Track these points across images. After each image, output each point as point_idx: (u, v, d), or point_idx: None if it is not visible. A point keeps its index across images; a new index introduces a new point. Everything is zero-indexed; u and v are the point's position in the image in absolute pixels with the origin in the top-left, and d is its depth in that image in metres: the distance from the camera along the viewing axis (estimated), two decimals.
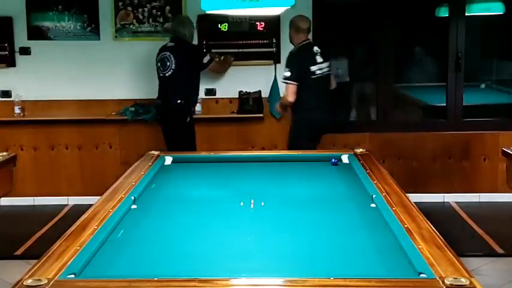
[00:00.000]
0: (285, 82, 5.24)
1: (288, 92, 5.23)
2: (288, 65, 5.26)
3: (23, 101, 6.08)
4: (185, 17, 5.81)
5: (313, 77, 5.33)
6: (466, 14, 6.08)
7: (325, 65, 5.41)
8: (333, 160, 4.18)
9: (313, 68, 5.34)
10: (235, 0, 3.15)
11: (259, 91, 6.00)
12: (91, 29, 6.07)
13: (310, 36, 5.55)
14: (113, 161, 6.10)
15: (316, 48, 5.40)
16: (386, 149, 6.16)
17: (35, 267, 2.31)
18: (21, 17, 6.05)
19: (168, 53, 5.45)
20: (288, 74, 5.20)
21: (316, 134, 5.48)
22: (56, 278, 2.23)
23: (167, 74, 5.44)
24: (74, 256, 2.43)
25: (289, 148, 5.38)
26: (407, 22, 6.85)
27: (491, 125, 6.24)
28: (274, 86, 5.99)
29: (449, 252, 2.42)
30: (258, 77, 6.07)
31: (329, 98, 5.49)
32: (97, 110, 6.07)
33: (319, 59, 5.37)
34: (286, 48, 6.02)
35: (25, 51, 6.11)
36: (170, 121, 5.53)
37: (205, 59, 5.58)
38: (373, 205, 3.19)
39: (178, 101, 5.44)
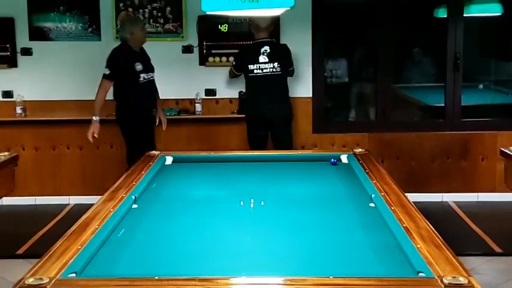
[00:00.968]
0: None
1: (230, 71, 5.87)
2: (234, 57, 5.88)
3: (24, 101, 6.10)
4: (125, 19, 5.79)
5: (251, 75, 5.53)
6: (464, 15, 6.09)
7: (270, 65, 5.50)
8: (332, 160, 4.20)
9: (251, 67, 5.50)
10: (235, 1, 3.16)
11: None
12: (92, 29, 6.09)
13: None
14: (113, 160, 6.11)
15: (265, 48, 5.51)
16: (385, 149, 6.18)
17: (37, 266, 2.32)
18: (22, 17, 6.07)
19: None
20: (233, 63, 5.79)
21: (258, 127, 5.63)
22: (58, 277, 2.24)
23: None
24: (75, 255, 2.44)
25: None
26: (406, 23, 6.85)
27: (489, 125, 6.26)
28: None
29: (447, 251, 2.43)
30: None
31: (274, 95, 5.57)
32: None
33: (263, 59, 5.49)
34: None
35: (27, 51, 6.13)
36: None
37: (105, 71, 5.31)
38: (372, 205, 3.21)
39: (116, 104, 5.47)
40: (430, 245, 2.50)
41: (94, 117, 5.36)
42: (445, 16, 6.24)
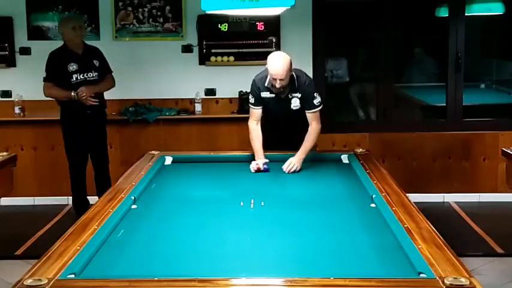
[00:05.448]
0: (318, 108, 4.31)
1: (319, 118, 4.32)
2: (316, 90, 4.36)
3: (23, 101, 6.08)
4: (63, 18, 5.74)
5: None
6: (465, 14, 6.07)
7: None
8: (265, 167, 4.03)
9: None
10: (235, 0, 3.15)
11: None
12: (91, 29, 6.06)
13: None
14: (113, 161, 6.07)
15: None
16: (386, 149, 6.16)
17: (35, 267, 2.32)
18: (21, 17, 6.06)
19: None
20: (320, 98, 4.33)
21: None
22: (56, 277, 2.24)
23: None
24: (74, 256, 2.44)
25: None
26: (407, 22, 6.85)
27: (491, 125, 6.24)
28: None
29: (449, 252, 2.43)
30: None
31: None
32: None
33: None
34: (286, 48, 6.03)
35: (25, 51, 6.12)
36: None
37: (44, 74, 5.38)
38: (373, 205, 3.20)
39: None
40: (431, 245, 2.50)
41: (72, 95, 5.27)
42: (447, 15, 6.24)
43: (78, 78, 5.34)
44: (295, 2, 3.25)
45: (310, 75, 6.08)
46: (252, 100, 4.37)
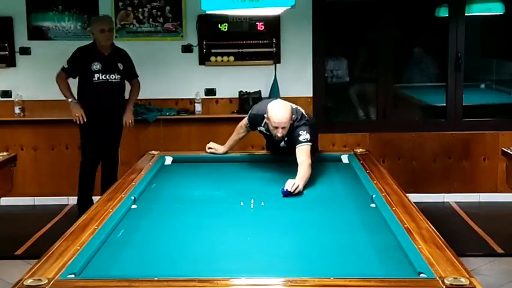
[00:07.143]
0: (304, 144, 3.97)
1: (307, 154, 3.95)
2: (307, 129, 4.08)
3: (23, 101, 6.08)
4: (94, 18, 5.76)
5: None
6: (465, 14, 6.08)
7: None
8: (284, 190, 3.60)
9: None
10: (235, 0, 3.15)
11: (259, 91, 6.01)
12: (91, 29, 6.05)
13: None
14: None
15: None
16: (386, 149, 6.16)
17: (35, 267, 2.32)
18: (21, 17, 6.06)
19: None
20: (309, 136, 4.01)
21: None
22: (56, 277, 2.24)
23: None
24: (74, 256, 2.44)
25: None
26: (407, 22, 6.84)
27: (491, 125, 6.24)
28: (274, 86, 5.99)
29: (449, 252, 2.43)
30: (258, 77, 6.08)
31: None
32: None
33: None
34: (286, 48, 6.05)
35: (25, 51, 6.12)
36: None
37: (65, 64, 5.42)
38: (373, 205, 3.20)
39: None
40: (431, 245, 2.50)
41: (69, 100, 5.40)
42: (447, 15, 6.23)
43: (100, 78, 5.38)
44: (295, 2, 3.25)
45: (310, 75, 6.11)
46: (247, 123, 4.42)
